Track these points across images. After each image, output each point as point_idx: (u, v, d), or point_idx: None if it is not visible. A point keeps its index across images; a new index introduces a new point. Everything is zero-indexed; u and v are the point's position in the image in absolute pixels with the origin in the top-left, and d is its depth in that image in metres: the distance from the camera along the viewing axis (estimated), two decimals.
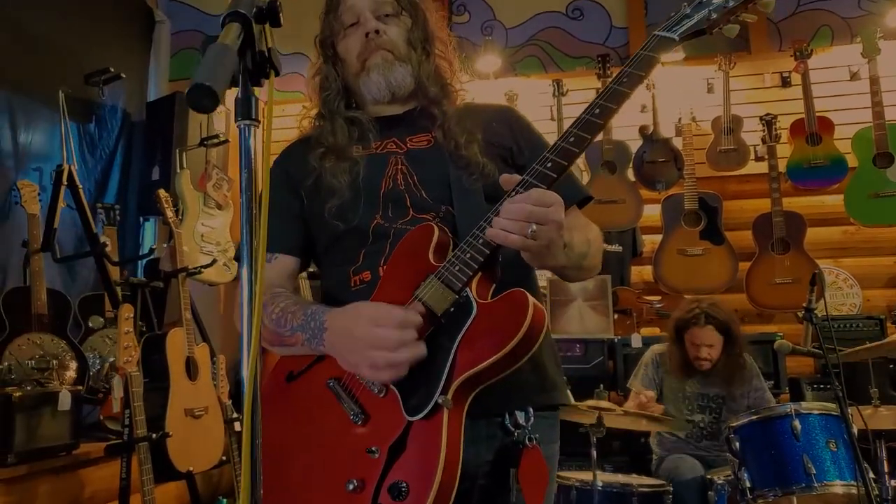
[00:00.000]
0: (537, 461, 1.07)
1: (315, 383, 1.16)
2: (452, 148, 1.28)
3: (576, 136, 1.08)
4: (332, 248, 1.31)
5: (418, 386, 1.04)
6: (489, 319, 1.04)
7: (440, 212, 1.24)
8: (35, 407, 2.39)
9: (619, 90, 1.09)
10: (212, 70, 0.60)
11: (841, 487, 2.16)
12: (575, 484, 2.57)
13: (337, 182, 1.27)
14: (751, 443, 2.32)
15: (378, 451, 1.04)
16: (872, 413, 2.50)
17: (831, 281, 3.95)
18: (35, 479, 2.38)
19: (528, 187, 1.06)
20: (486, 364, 1.01)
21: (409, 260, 1.16)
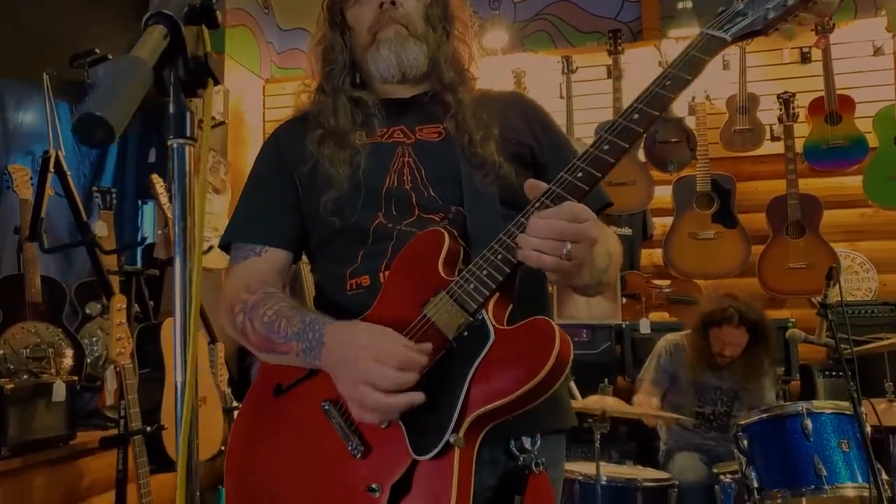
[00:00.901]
0: (545, 489, 1.00)
1: (307, 402, 1.05)
2: (466, 143, 1.16)
3: (611, 143, 0.96)
4: (326, 245, 1.20)
5: (427, 420, 0.93)
6: (509, 349, 0.93)
7: (449, 213, 1.13)
8: (28, 399, 2.35)
9: (661, 94, 0.98)
10: (108, 94, 0.50)
11: (853, 490, 2.09)
12: (579, 478, 2.52)
13: (335, 173, 1.15)
14: (760, 441, 2.25)
15: (379, 490, 0.94)
16: (887, 408, 2.43)
17: (847, 265, 3.83)
18: (30, 472, 2.35)
19: (556, 199, 0.95)
20: (505, 402, 0.91)
21: (416, 270, 1.05)
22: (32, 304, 2.70)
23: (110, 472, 2.56)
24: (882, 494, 1.73)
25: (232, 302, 1.14)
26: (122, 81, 0.50)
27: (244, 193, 1.28)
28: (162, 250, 2.77)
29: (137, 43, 0.55)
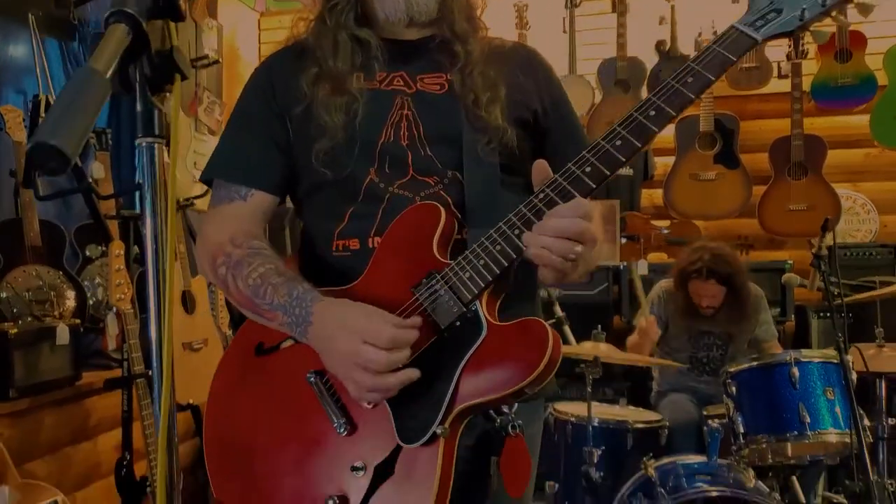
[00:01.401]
0: (520, 450, 1.00)
1: (292, 369, 1.05)
2: (471, 103, 1.10)
3: (623, 140, 0.93)
4: (314, 195, 1.16)
5: (414, 408, 0.95)
6: (501, 347, 0.93)
7: (445, 178, 1.09)
8: (33, 342, 2.39)
9: (681, 92, 0.93)
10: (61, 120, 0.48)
11: (835, 436, 2.15)
12: (571, 419, 2.59)
13: (330, 120, 1.08)
14: (748, 388, 2.30)
15: (364, 469, 0.96)
16: (875, 353, 2.46)
17: (848, 207, 3.82)
18: (39, 412, 2.42)
19: (561, 193, 0.93)
20: (493, 398, 0.93)
21: (408, 245, 1.03)
22: (32, 247, 2.71)
23: (116, 410, 2.64)
24: (862, 440, 1.78)
25: (215, 252, 1.11)
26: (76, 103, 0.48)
27: (231, 125, 1.21)
28: None
29: (98, 46, 0.53)
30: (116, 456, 2.75)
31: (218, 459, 1.11)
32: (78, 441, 2.60)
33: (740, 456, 2.22)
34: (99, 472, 2.69)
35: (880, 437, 2.44)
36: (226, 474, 1.09)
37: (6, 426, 2.25)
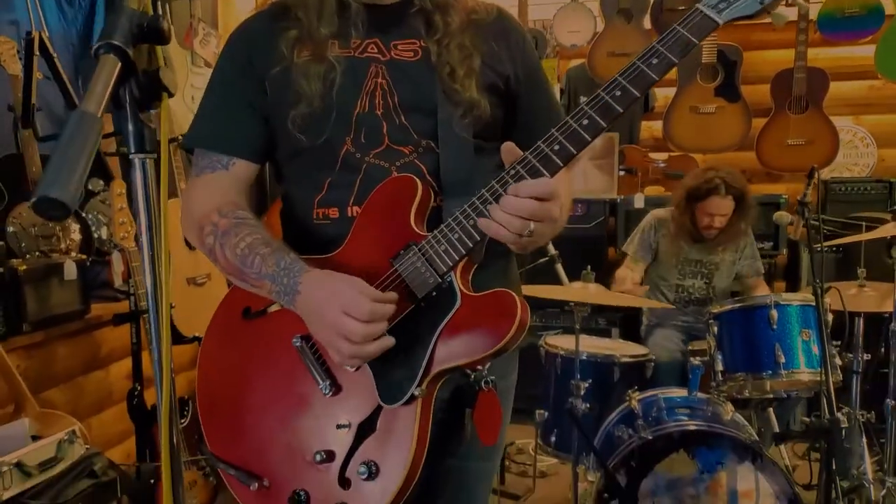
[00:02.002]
0: (492, 403, 1.08)
1: (278, 333, 1.11)
2: (447, 76, 1.11)
3: (590, 119, 0.96)
4: (293, 161, 1.19)
5: (394, 372, 1.02)
6: (473, 316, 1.00)
7: (419, 147, 1.12)
8: (42, 278, 2.47)
9: (646, 73, 0.95)
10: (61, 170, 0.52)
11: (807, 375, 2.26)
12: (561, 352, 2.70)
13: (307, 88, 1.09)
14: (728, 329, 2.39)
15: (349, 426, 1.03)
16: (857, 293, 2.53)
17: (848, 140, 3.82)
18: (52, 344, 2.53)
19: (531, 170, 0.97)
20: (466, 363, 1.00)
21: (387, 216, 1.07)
22: (35, 182, 2.75)
23: (125, 341, 2.75)
24: (829, 381, 1.88)
25: (202, 222, 1.14)
26: (74, 149, 0.52)
27: (210, 92, 1.21)
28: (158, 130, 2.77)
29: (91, 81, 0.56)
30: (127, 384, 2.89)
31: (210, 417, 1.18)
32: (90, 370, 2.73)
33: (719, 391, 2.34)
34: (111, 399, 2.84)
35: (855, 371, 2.56)
36: (218, 430, 1.16)
37: (22, 358, 2.36)
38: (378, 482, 1.01)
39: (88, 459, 2.06)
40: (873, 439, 2.68)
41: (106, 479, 2.07)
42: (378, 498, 1.01)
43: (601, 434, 2.44)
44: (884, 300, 2.44)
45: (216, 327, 1.21)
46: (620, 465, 2.11)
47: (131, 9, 0.62)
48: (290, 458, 1.07)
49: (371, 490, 1.01)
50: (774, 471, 2.04)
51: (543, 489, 3.00)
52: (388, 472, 1.00)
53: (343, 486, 1.03)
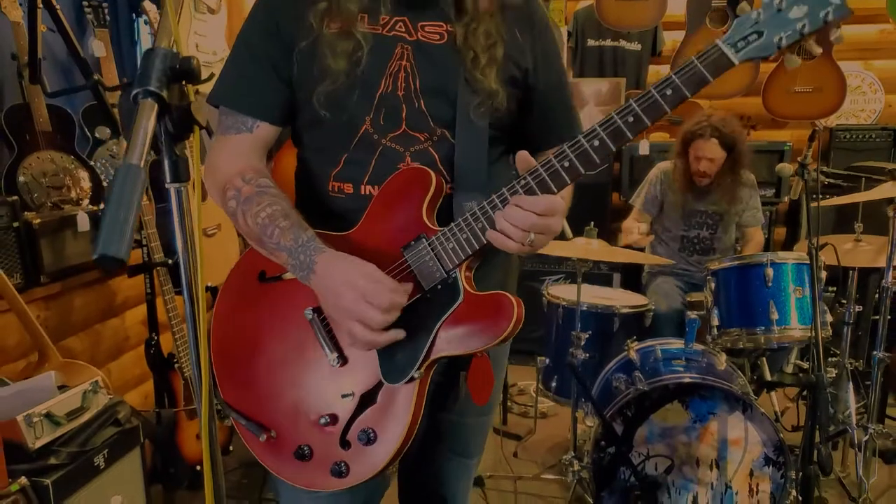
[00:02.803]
0: (485, 369, 1.15)
1: (292, 300, 1.16)
2: (470, 62, 1.13)
3: (601, 141, 0.99)
4: (312, 130, 1.22)
5: (397, 355, 1.09)
6: (473, 313, 1.06)
7: (434, 135, 1.15)
8: (56, 231, 2.53)
9: (658, 103, 0.96)
10: (116, 228, 0.56)
11: (798, 332, 2.34)
12: (562, 303, 2.78)
13: (333, 63, 1.11)
14: (725, 285, 2.46)
15: (352, 395, 1.12)
16: (852, 247, 2.59)
17: (856, 86, 3.78)
18: (69, 294, 2.61)
19: (540, 183, 1.02)
20: (462, 353, 1.08)
21: (401, 204, 1.12)
22: (43, 133, 2.75)
23: (138, 289, 2.84)
24: (819, 336, 1.96)
25: (225, 183, 1.18)
26: (125, 206, 0.56)
27: (236, 52, 1.23)
28: None
29: (133, 129, 0.60)
30: (141, 329, 3.00)
31: (223, 369, 1.24)
32: (107, 318, 2.82)
33: (715, 343, 2.43)
34: (128, 344, 2.94)
35: (846, 322, 2.65)
36: (231, 382, 1.23)
37: (41, 309, 2.45)
38: (375, 447, 1.11)
39: (112, 408, 2.17)
40: (860, 386, 2.79)
41: (129, 426, 2.19)
42: (374, 461, 1.11)
43: (599, 382, 2.54)
44: (878, 255, 2.49)
45: (232, 285, 1.27)
46: (617, 415, 2.22)
47: (164, 50, 0.65)
48: (296, 416, 1.16)
49: (368, 453, 1.11)
50: (763, 420, 2.14)
51: (544, 430, 3.14)
52: (385, 439, 1.10)
53: (343, 447, 1.12)
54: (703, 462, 2.18)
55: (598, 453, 2.23)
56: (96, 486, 2.04)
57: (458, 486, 1.42)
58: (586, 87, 3.85)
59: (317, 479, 1.13)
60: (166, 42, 0.67)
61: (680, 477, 2.20)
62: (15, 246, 2.37)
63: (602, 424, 2.20)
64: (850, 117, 3.80)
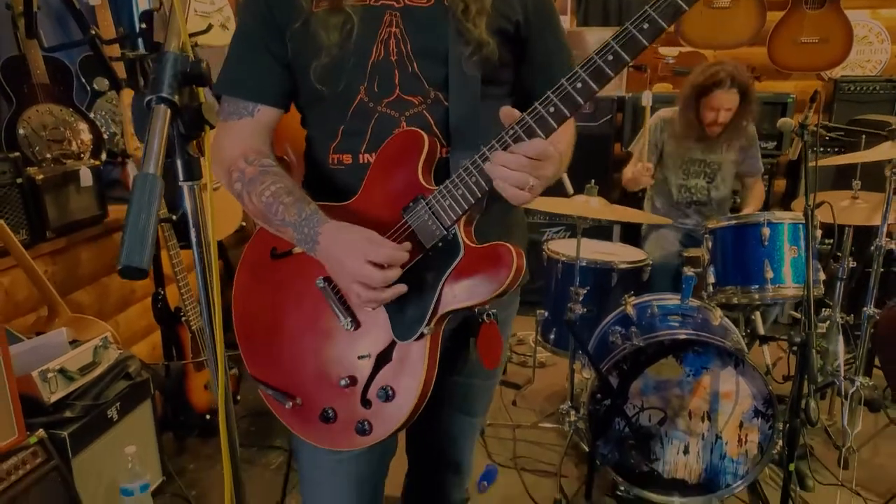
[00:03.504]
0: (493, 334, 1.21)
1: (303, 273, 1.20)
2: (461, 13, 1.14)
3: (583, 82, 0.99)
4: (313, 107, 1.26)
5: (406, 313, 1.13)
6: (474, 265, 1.09)
7: (428, 98, 1.17)
8: (59, 186, 2.54)
9: (637, 38, 0.95)
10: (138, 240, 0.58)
11: (792, 290, 2.39)
12: (562, 258, 2.82)
13: (326, 38, 1.14)
14: (722, 244, 2.49)
15: (368, 356, 1.17)
16: (849, 205, 2.61)
17: (862, 35, 3.73)
18: (75, 248, 2.64)
19: (527, 130, 1.03)
20: (468, 305, 1.11)
21: (397, 169, 1.15)
22: (41, 85, 2.74)
23: None
24: (811, 297, 2.00)
25: (230, 167, 1.22)
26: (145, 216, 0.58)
27: (234, 42, 1.27)
28: (161, 33, 2.72)
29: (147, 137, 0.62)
30: (147, 282, 3.04)
31: (247, 344, 1.30)
32: (113, 271, 2.86)
33: (710, 299, 2.48)
34: (134, 297, 2.99)
35: (839, 277, 2.70)
36: (256, 357, 1.29)
37: (48, 264, 2.48)
38: (394, 403, 1.16)
39: (123, 362, 2.24)
40: (850, 339, 2.87)
41: (140, 379, 2.26)
42: (395, 416, 1.16)
43: (597, 335, 2.60)
44: (874, 213, 2.52)
45: (247, 263, 1.32)
46: (613, 368, 2.28)
47: (174, 55, 0.66)
48: (318, 381, 1.21)
49: (388, 409, 1.16)
50: (754, 374, 2.21)
51: (542, 379, 3.23)
52: (403, 395, 1.15)
53: (365, 406, 1.18)
54: (695, 414, 2.27)
55: (594, 405, 2.31)
56: (110, 437, 2.12)
57: (465, 444, 1.50)
58: (590, 35, 3.78)
59: (343, 438, 1.19)
60: (175, 44, 0.68)
61: (672, 428, 2.28)
62: (19, 202, 2.39)
63: (598, 378, 2.27)
64: (855, 68, 3.76)
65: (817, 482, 2.41)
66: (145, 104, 0.65)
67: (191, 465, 2.56)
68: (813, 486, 2.39)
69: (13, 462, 1.80)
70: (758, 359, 2.87)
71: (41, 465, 1.86)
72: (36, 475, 1.83)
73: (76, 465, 1.97)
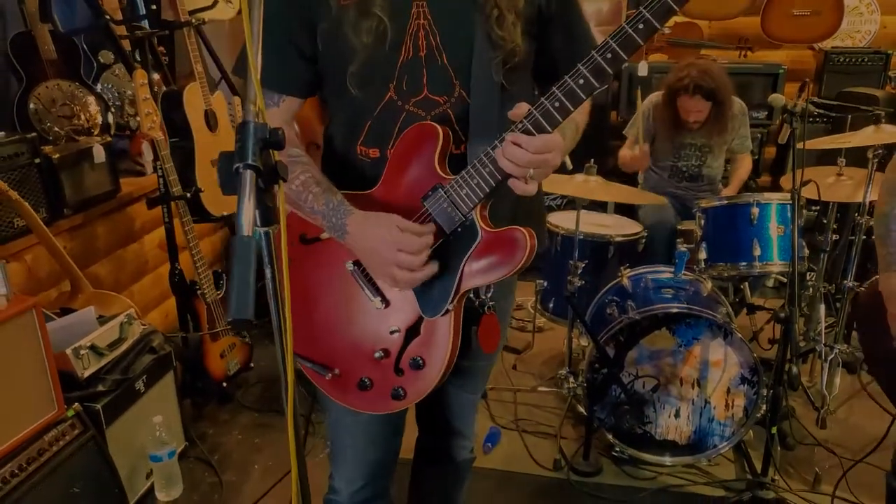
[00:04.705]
0: (493, 324, 1.31)
1: (334, 257, 1.29)
2: (495, 22, 1.18)
3: (585, 79, 1.06)
4: (339, 100, 1.29)
5: (431, 292, 1.24)
6: (492, 248, 1.19)
7: (453, 96, 1.22)
8: (75, 164, 2.60)
9: (632, 38, 1.02)
10: (243, 294, 0.67)
11: (778, 266, 2.55)
12: (561, 232, 2.94)
13: (359, 42, 1.18)
14: (714, 222, 2.63)
15: (398, 331, 1.28)
16: (834, 181, 2.74)
17: (853, 6, 3.79)
18: (91, 224, 2.72)
19: (535, 123, 1.10)
20: (487, 283, 1.23)
21: (415, 160, 1.22)
22: (49, 62, 2.76)
23: (154, 214, 2.95)
24: (795, 270, 2.15)
25: None
26: (245, 274, 0.68)
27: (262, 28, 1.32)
28: (169, 11, 2.75)
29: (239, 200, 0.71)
30: (159, 253, 3.14)
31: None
32: (127, 244, 2.95)
33: (702, 272, 2.62)
34: (147, 267, 3.09)
35: (823, 249, 2.85)
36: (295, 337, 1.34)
37: (67, 240, 2.57)
38: (425, 371, 1.27)
39: (147, 337, 2.35)
40: (832, 307, 3.03)
41: (163, 352, 2.38)
42: (426, 382, 1.28)
43: (594, 306, 2.75)
44: (857, 189, 2.65)
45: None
46: (610, 340, 2.43)
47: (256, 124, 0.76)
48: (355, 354, 1.33)
49: (420, 376, 1.28)
50: (741, 345, 2.37)
51: (541, 344, 3.38)
52: (432, 363, 1.27)
53: (398, 374, 1.29)
54: (685, 381, 2.43)
55: (591, 374, 2.46)
56: (139, 407, 2.26)
57: (468, 417, 1.64)
58: (587, 5, 3.82)
59: (379, 403, 1.31)
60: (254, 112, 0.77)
61: (665, 394, 2.45)
62: (38, 181, 2.46)
63: (596, 348, 2.42)
64: (845, 38, 3.83)
65: (797, 442, 2.59)
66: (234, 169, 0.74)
67: (210, 430, 2.70)
68: (793, 445, 2.58)
69: (54, 434, 1.93)
70: (745, 327, 3.04)
71: (79, 436, 1.99)
72: (75, 445, 1.97)
73: (109, 434, 2.11)
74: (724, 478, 2.42)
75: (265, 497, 2.33)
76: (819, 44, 3.76)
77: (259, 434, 2.68)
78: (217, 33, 3.38)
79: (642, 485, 2.40)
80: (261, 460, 2.52)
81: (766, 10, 3.67)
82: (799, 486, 2.36)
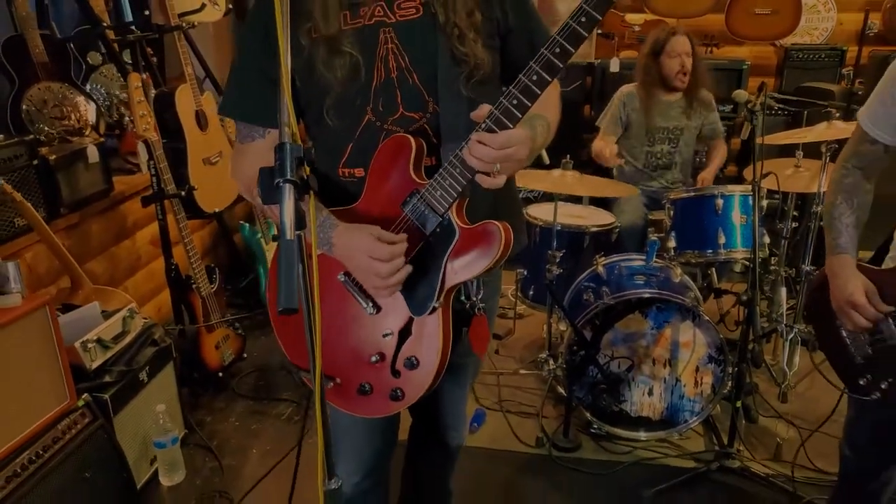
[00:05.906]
0: (482, 325, 1.38)
1: (327, 270, 1.34)
2: (456, 39, 1.24)
3: (538, 74, 1.12)
4: (319, 126, 1.34)
5: (418, 291, 1.31)
6: (469, 244, 1.27)
7: (427, 112, 1.29)
8: (70, 164, 2.68)
9: (577, 31, 1.08)
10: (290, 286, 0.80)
11: (741, 253, 2.75)
12: (539, 223, 3.09)
13: (332, 77, 1.25)
14: (682, 213, 2.80)
15: (391, 333, 1.36)
16: (792, 173, 2.93)
17: (811, 4, 3.98)
18: (86, 222, 2.80)
19: (496, 121, 1.16)
20: (468, 278, 1.31)
21: (391, 170, 1.29)
22: (41, 64, 2.83)
23: (146, 211, 3.04)
24: (756, 256, 2.33)
25: (250, 185, 1.35)
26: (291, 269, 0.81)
27: (238, 60, 1.35)
28: (159, 15, 2.83)
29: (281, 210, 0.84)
30: (151, 248, 3.23)
31: (286, 337, 1.48)
32: (121, 240, 3.04)
33: (671, 260, 2.80)
34: (140, 263, 3.18)
35: (783, 236, 3.05)
36: (294, 346, 1.47)
37: (63, 238, 2.65)
38: (420, 370, 1.35)
39: (149, 330, 2.46)
40: (792, 289, 3.24)
41: (164, 345, 2.48)
42: (422, 380, 1.36)
43: (571, 292, 2.90)
44: (813, 180, 2.84)
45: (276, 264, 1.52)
46: (587, 324, 2.59)
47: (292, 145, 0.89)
48: (353, 361, 1.41)
49: (416, 376, 1.36)
50: (709, 326, 2.55)
51: (522, 329, 3.54)
52: (426, 362, 1.35)
53: (395, 376, 1.37)
54: (658, 361, 2.60)
55: (570, 356, 2.62)
56: (143, 397, 2.37)
57: (458, 406, 1.75)
58: (561, 5, 3.96)
59: (380, 406, 1.39)
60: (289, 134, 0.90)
61: (638, 373, 2.62)
62: (36, 182, 2.54)
63: (574, 332, 2.58)
64: (804, 35, 4.03)
65: (760, 415, 2.79)
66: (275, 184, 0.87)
67: (207, 417, 2.81)
68: (756, 418, 2.77)
69: (66, 423, 2.03)
70: (712, 310, 3.23)
71: (89, 425, 2.09)
72: (86, 434, 2.07)
73: (117, 423, 2.21)
74: (694, 450, 2.60)
75: (266, 478, 2.46)
76: (780, 41, 3.95)
77: (255, 420, 2.80)
78: (202, 35, 3.46)
79: (619, 458, 2.57)
80: (258, 445, 2.65)
81: (730, 10, 3.86)
82: (762, 455, 2.55)
